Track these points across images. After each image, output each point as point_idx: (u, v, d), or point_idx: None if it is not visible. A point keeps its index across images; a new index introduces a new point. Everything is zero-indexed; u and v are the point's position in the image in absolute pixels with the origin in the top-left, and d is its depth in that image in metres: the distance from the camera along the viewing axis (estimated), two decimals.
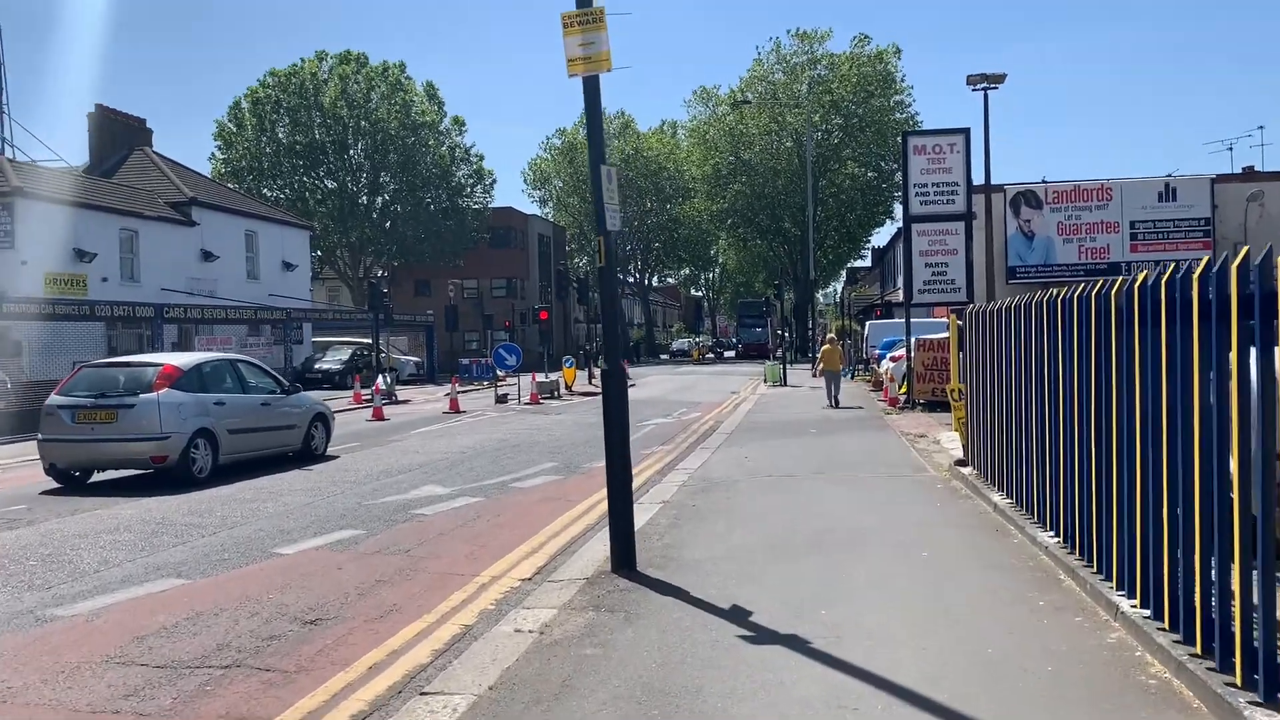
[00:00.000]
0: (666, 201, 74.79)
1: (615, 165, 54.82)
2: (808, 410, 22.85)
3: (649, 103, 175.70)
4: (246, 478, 12.77)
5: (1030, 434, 8.50)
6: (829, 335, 33.18)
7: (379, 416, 23.01)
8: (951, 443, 15.70)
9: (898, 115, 65.21)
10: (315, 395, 15.14)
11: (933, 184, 22.15)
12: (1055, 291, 7.49)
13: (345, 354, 39.12)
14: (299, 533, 9.37)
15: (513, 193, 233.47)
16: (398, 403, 29.84)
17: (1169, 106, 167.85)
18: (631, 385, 36.36)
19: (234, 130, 53.70)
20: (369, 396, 30.70)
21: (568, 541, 8.91)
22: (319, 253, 57.10)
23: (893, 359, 26.88)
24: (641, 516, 9.77)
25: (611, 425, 7.44)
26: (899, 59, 65.50)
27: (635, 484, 12.73)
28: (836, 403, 23.51)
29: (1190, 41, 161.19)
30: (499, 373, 28.40)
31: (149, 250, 32.14)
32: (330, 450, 15.69)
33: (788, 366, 36.94)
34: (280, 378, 14.38)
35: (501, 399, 27.49)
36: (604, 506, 10.63)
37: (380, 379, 31.40)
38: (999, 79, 24.54)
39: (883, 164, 66.31)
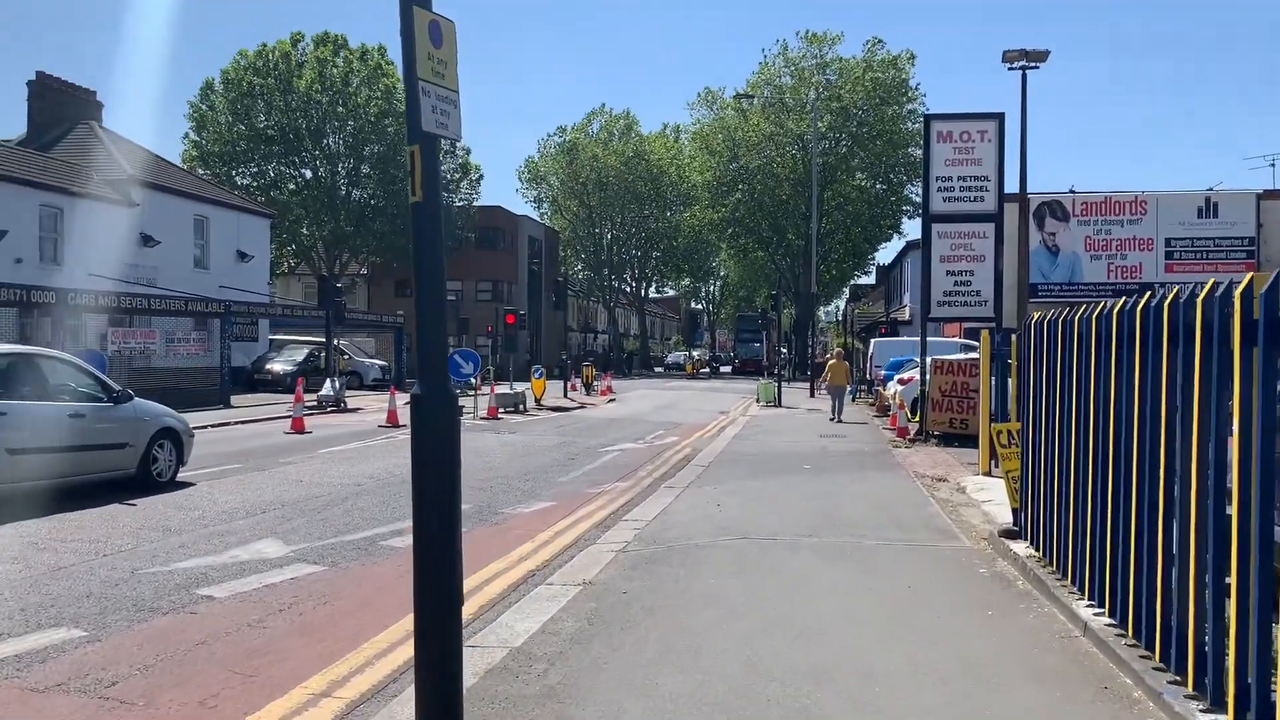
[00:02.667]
0: (667, 208, 71.48)
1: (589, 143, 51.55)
2: (802, 438, 19.46)
3: (653, 105, 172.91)
4: (23, 518, 9.35)
5: (1153, 513, 5.15)
6: (836, 350, 30.49)
7: (298, 428, 19.64)
8: (981, 491, 12.33)
9: (910, 125, 61.94)
10: (161, 407, 11.74)
11: (958, 177, 18.80)
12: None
13: (301, 354, 35.73)
14: None
15: (504, 196, 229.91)
16: (344, 411, 26.52)
17: (1204, 118, 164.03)
18: (611, 400, 33.06)
19: (206, 112, 50.42)
20: (313, 403, 27.43)
21: (392, 671, 5.50)
22: (293, 247, 53.78)
23: (901, 381, 23.55)
24: (534, 617, 6.43)
25: (426, 505, 4.07)
26: (913, 65, 62.41)
27: (565, 540, 9.40)
28: (839, 418, 23.27)
29: (1223, 53, 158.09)
30: (455, 382, 24.94)
31: (77, 231, 28.78)
32: (189, 475, 12.31)
33: (784, 385, 33.56)
34: (110, 383, 10.95)
35: None
36: (491, 590, 7.29)
37: (328, 384, 28.11)
38: (1041, 56, 21.20)
39: (893, 176, 63.11)
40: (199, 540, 8.67)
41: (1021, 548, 8.13)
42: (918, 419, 19.86)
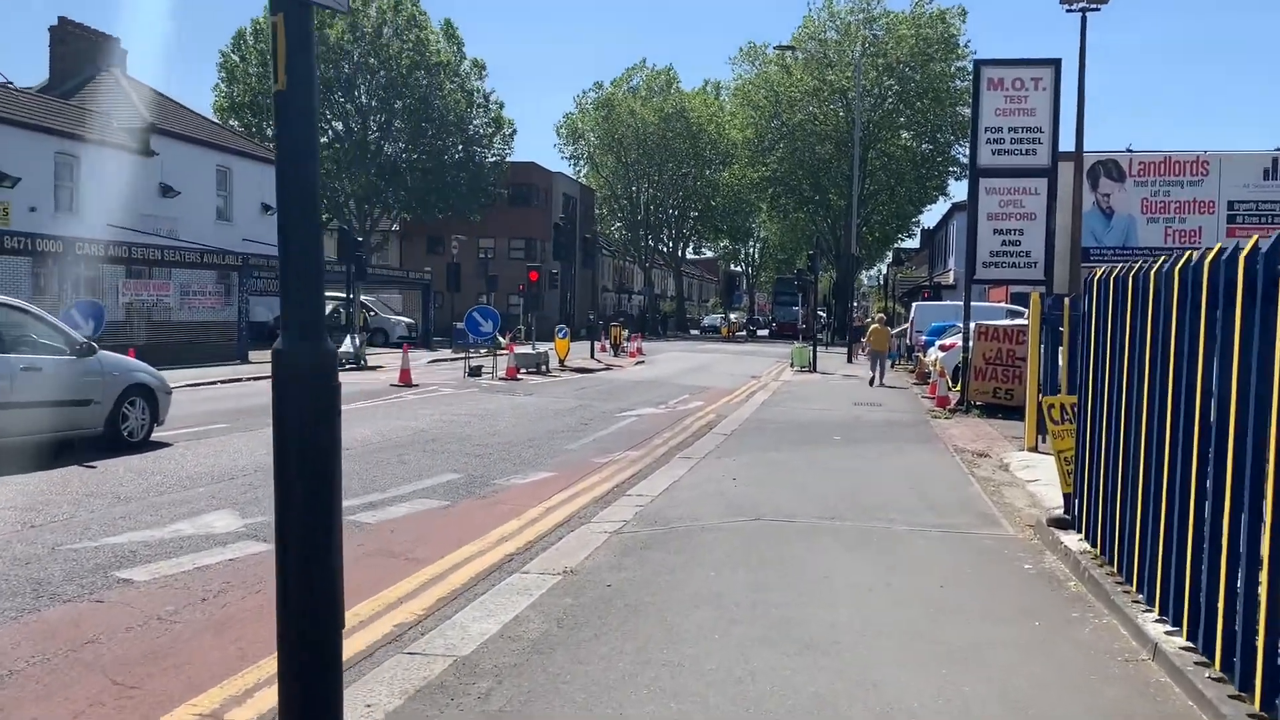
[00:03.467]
0: (706, 167, 69.86)
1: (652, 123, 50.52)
2: (835, 406, 18.34)
3: (695, 62, 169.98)
4: None
5: (1253, 512, 4.06)
6: (878, 315, 29.58)
7: None
8: (1026, 469, 11.19)
9: (958, 83, 59.76)
10: (134, 362, 10.89)
11: (1009, 129, 17.41)
12: None
13: (324, 309, 34.97)
14: None
15: (542, 155, 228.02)
16: (364, 369, 25.75)
17: (1271, 76, 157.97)
18: (639, 362, 32.03)
19: (236, 63, 49.57)
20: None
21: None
22: (325, 202, 53.01)
23: (942, 348, 22.28)
24: (495, 615, 5.49)
25: (289, 500, 3.07)
26: (963, 21, 60.04)
27: (557, 517, 8.43)
28: (880, 382, 23.02)
29: None
30: (473, 340, 24.06)
31: (93, 180, 28.12)
32: (168, 434, 11.49)
33: (821, 350, 32.37)
34: (73, 334, 10.09)
35: (474, 371, 23.22)
36: (455, 579, 6.34)
37: (347, 340, 27.35)
38: None
39: (940, 136, 61.09)
40: (145, 510, 7.79)
41: (1073, 540, 7.03)
42: (959, 388, 18.65)
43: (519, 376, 22.92)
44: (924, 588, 6.17)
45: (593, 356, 30.64)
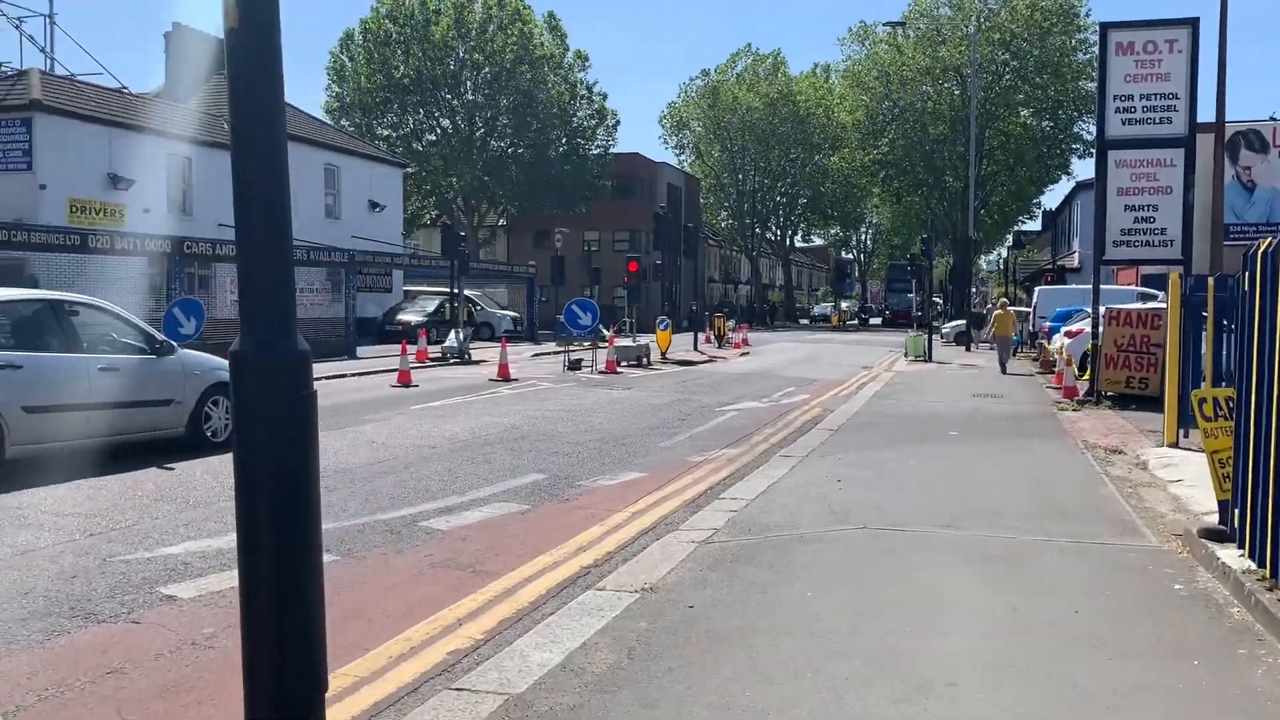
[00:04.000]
0: (815, 152, 68.28)
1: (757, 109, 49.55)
2: (952, 398, 17.28)
3: (802, 47, 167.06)
4: (40, 483, 8.32)
5: None
6: (1001, 300, 28.47)
7: (404, 382, 18.70)
8: (1168, 468, 10.09)
9: (1080, 56, 56.94)
10: (216, 360, 10.68)
11: (1141, 96, 16.03)
12: None
13: (432, 305, 35.21)
14: None
15: (646, 147, 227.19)
16: (468, 363, 25.61)
17: None
18: (744, 354, 31.19)
19: (345, 63, 50.44)
20: (437, 355, 26.74)
21: None
22: (434, 199, 53.56)
23: (1069, 334, 20.95)
24: (561, 642, 4.92)
25: (252, 523, 2.49)
26: None
27: (642, 524, 7.78)
28: (1004, 369, 22.69)
29: None
30: (573, 334, 23.62)
31: (206, 180, 28.68)
32: None
33: (935, 337, 31.02)
34: (153, 332, 9.89)
35: (574, 365, 22.79)
36: (523, 596, 5.79)
37: (452, 335, 27.34)
38: None
39: (1061, 112, 58.22)
40: (211, 517, 7.46)
41: (1232, 555, 6.06)
42: (1088, 377, 17.38)
43: (619, 370, 22.41)
44: (1054, 613, 5.33)
45: (695, 348, 29.96)
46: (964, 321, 38.60)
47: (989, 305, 38.65)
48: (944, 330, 40.61)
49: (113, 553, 6.39)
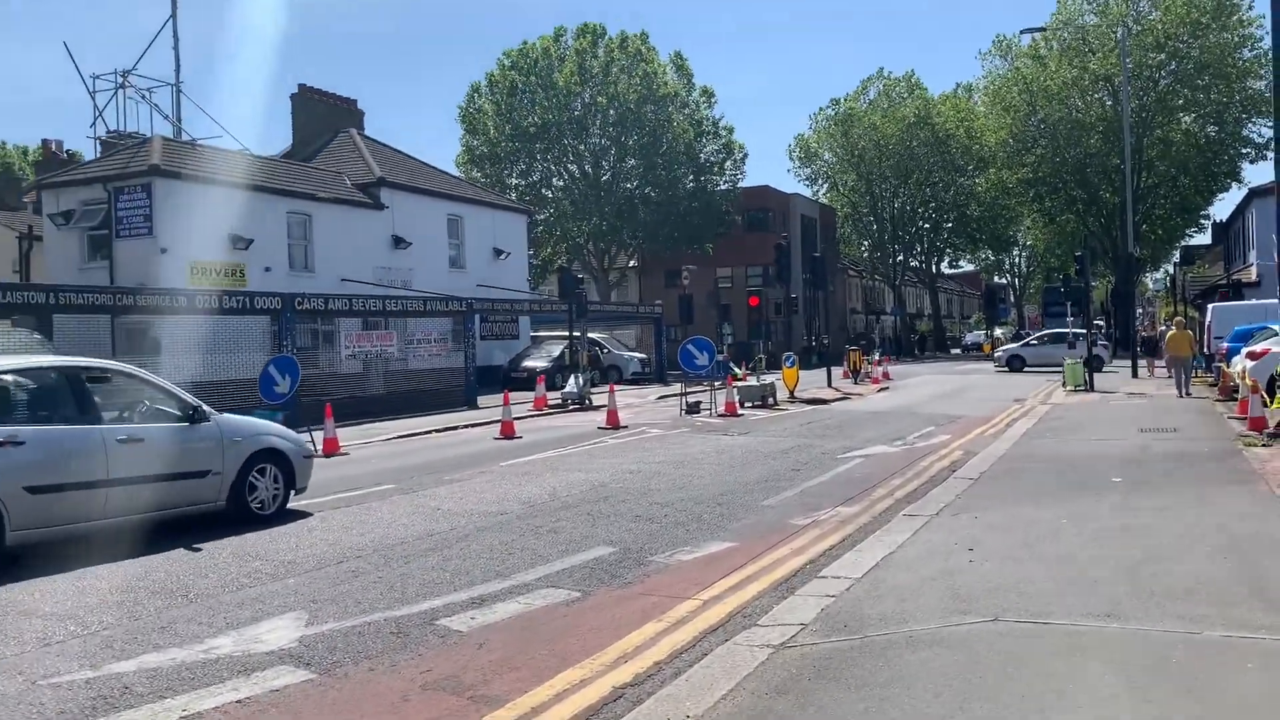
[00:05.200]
0: (958, 174, 65.24)
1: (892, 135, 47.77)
2: (1115, 434, 15.06)
3: (937, 68, 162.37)
4: (41, 572, 7.42)
5: None
6: (1176, 319, 25.94)
7: (507, 434, 17.66)
8: None
9: (1245, 53, 52.49)
10: (263, 424, 9.77)
11: None
12: None
13: (557, 350, 34.42)
14: None
15: (774, 178, 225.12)
16: (588, 408, 24.54)
17: None
18: (883, 389, 29.05)
19: (475, 115, 50.95)
20: (556, 400, 25.80)
21: None
22: (566, 245, 53.34)
23: (1252, 356, 18.37)
24: None
25: None
26: None
27: (713, 617, 6.18)
28: (1185, 392, 21.21)
29: None
30: (691, 374, 22.22)
31: (327, 237, 28.78)
32: (315, 502, 10.33)
33: (1098, 364, 28.21)
34: (187, 398, 8.97)
35: (692, 408, 21.37)
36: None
37: (571, 380, 26.36)
38: None
39: (1226, 115, 53.67)
40: (200, 615, 6.36)
41: None
42: (1277, 405, 14.89)
43: (739, 412, 20.84)
44: None
45: (829, 385, 28.07)
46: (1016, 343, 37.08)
47: (1161, 327, 35.26)
48: (996, 354, 39.39)
49: (53, 670, 5.32)
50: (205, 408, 8.97)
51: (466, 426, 20.57)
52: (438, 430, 20.17)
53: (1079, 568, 6.86)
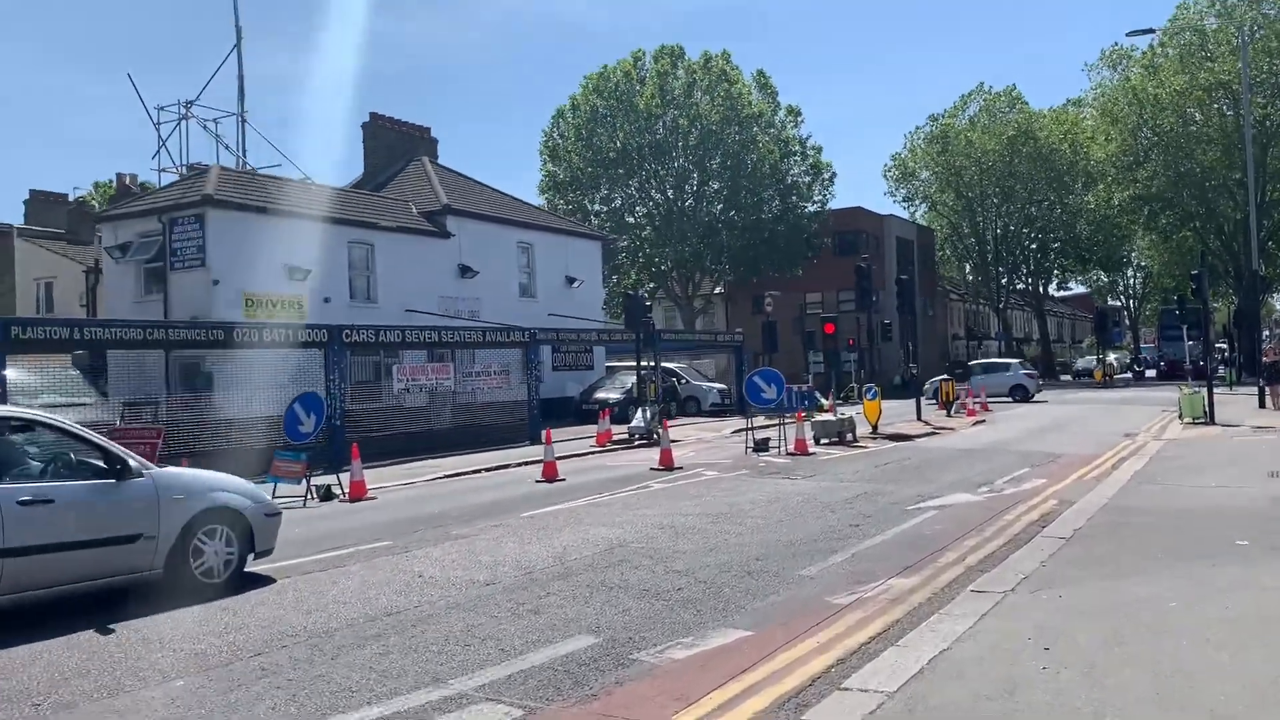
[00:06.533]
0: (1066, 192, 61.94)
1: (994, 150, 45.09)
2: (1239, 480, 12.90)
3: (1042, 82, 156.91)
4: None
5: None
6: None
7: (548, 476, 16.24)
8: None
9: None
10: (216, 478, 8.52)
11: None
12: None
13: (630, 380, 32.99)
14: None
15: (869, 201, 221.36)
16: (654, 444, 23.02)
17: None
18: (979, 422, 26.71)
19: (557, 142, 50.19)
20: (623, 435, 24.37)
21: None
22: (649, 273, 52.06)
23: None
24: None
25: None
26: None
27: None
28: None
29: None
30: (758, 408, 20.54)
31: (390, 266, 28.01)
32: (302, 560, 9.12)
33: (1223, 392, 25.55)
34: (116, 450, 7.75)
35: (760, 445, 19.65)
36: None
37: (639, 413, 24.94)
38: None
39: None
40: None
41: None
42: None
43: (810, 450, 19.03)
44: None
45: (919, 418, 25.97)
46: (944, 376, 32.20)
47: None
48: (925, 387, 33.08)
49: None
50: (137, 461, 7.76)
51: (520, 465, 19.28)
52: (488, 469, 18.94)
53: (1193, 681, 5.10)
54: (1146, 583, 7.42)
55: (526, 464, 19.11)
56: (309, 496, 14.67)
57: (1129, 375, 64.05)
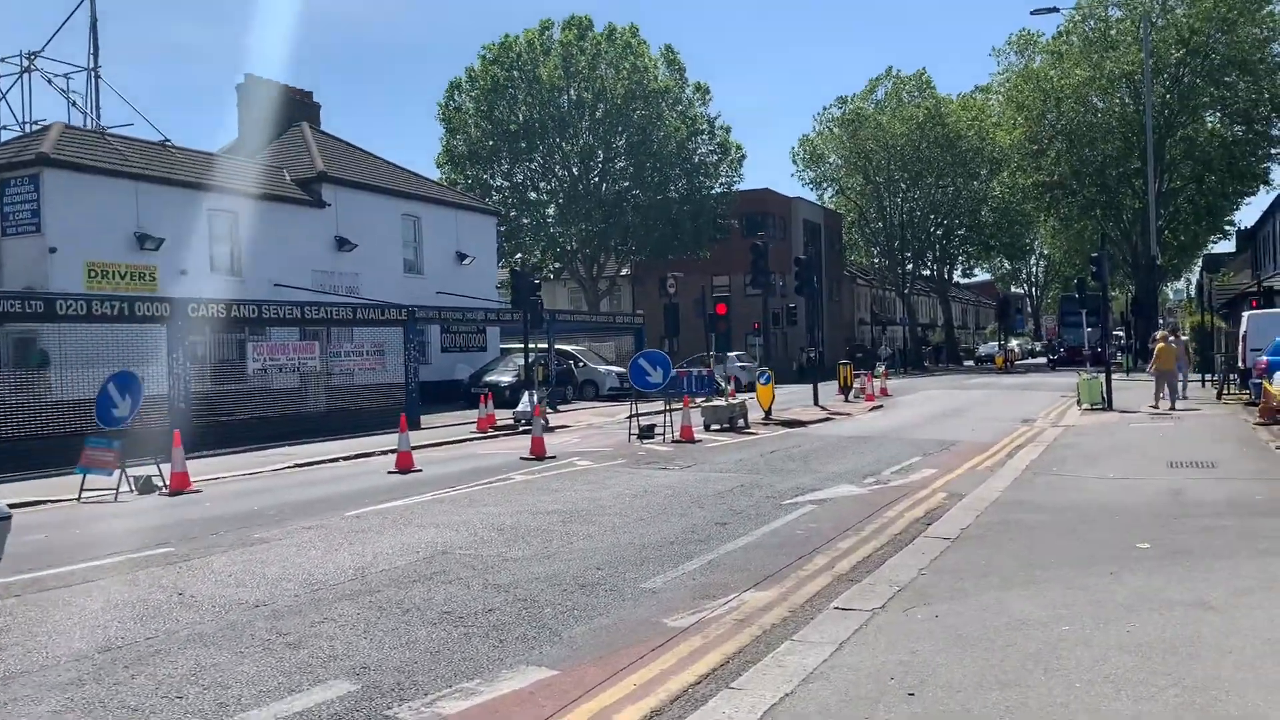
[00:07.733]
0: (971, 178, 61.98)
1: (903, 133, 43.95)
2: (1138, 471, 12.04)
3: (948, 70, 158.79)
4: None
5: None
6: (1163, 334, 23.90)
7: (402, 466, 14.73)
8: None
9: (1276, 49, 49.34)
10: None
11: None
12: None
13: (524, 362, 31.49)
14: None
15: (777, 184, 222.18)
16: (545, 429, 21.60)
17: None
18: (877, 407, 25.78)
19: (454, 114, 48.10)
20: (508, 420, 22.93)
21: None
22: (554, 253, 50.41)
23: None
24: None
25: None
26: None
27: None
28: (1172, 404, 21.35)
29: None
30: (651, 391, 19.25)
31: (257, 237, 25.95)
32: (25, 577, 7.45)
33: (1120, 378, 25.12)
34: None
35: (645, 432, 18.38)
36: None
37: (525, 397, 23.47)
38: None
39: (1255, 113, 50.40)
40: None
41: None
42: None
43: (697, 438, 17.83)
44: None
45: (815, 403, 24.98)
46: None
47: (1152, 335, 32.06)
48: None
49: None
50: None
51: (381, 453, 17.67)
52: (345, 458, 17.32)
53: (1092, 714, 3.90)
54: (1036, 597, 6.30)
55: (388, 453, 17.52)
56: (125, 488, 12.94)
57: (1038, 360, 64.43)
